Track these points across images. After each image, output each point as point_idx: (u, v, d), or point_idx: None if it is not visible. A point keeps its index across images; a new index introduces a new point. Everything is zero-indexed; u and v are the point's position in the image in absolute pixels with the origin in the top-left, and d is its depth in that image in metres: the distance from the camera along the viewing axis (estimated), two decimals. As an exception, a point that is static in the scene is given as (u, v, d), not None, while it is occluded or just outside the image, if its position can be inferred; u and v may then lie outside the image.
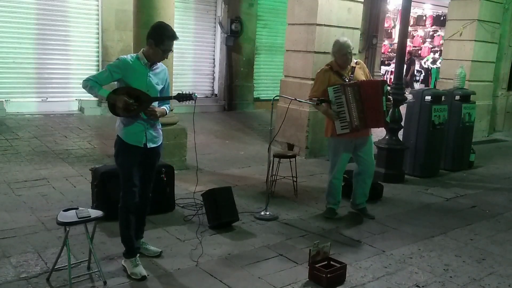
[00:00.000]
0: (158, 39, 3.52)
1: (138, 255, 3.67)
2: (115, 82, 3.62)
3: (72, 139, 7.20)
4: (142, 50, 3.63)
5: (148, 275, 3.53)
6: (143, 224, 3.92)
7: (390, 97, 4.93)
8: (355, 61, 4.94)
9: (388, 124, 5.03)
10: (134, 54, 3.67)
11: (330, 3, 7.38)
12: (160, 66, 3.71)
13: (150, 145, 3.66)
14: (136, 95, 3.50)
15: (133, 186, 3.61)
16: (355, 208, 5.20)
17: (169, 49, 3.58)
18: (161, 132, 3.80)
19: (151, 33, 3.56)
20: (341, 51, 4.75)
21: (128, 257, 3.60)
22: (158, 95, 3.67)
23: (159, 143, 3.76)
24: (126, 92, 3.49)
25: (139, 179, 3.66)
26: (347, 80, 4.77)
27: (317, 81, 4.91)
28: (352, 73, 4.83)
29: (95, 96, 3.65)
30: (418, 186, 6.50)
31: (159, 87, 3.67)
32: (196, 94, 3.71)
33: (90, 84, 3.48)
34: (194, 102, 3.71)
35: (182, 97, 3.67)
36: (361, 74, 4.89)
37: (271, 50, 11.56)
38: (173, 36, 3.56)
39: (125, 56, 3.61)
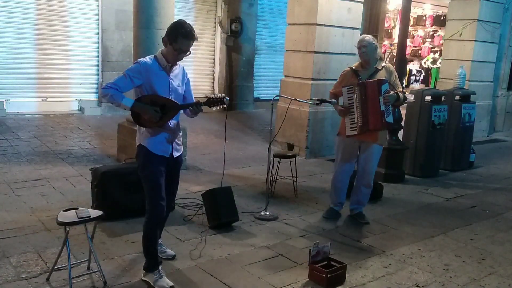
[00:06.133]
0: (171, 36, 3.22)
1: (161, 266, 3.46)
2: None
3: (72, 139, 7.20)
4: (160, 50, 3.35)
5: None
6: (162, 228, 3.84)
7: (387, 95, 4.54)
8: (382, 64, 4.78)
9: (389, 124, 4.68)
10: (152, 56, 3.37)
11: (330, 3, 7.38)
12: (178, 66, 3.44)
13: (176, 154, 3.50)
14: (162, 103, 3.24)
15: (162, 199, 3.37)
16: (350, 212, 5.06)
17: (184, 50, 3.25)
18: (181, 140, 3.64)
19: (166, 30, 3.30)
20: (358, 45, 4.75)
21: (152, 271, 3.40)
22: (182, 98, 3.45)
23: (182, 151, 3.62)
24: (151, 101, 3.23)
25: (165, 192, 3.45)
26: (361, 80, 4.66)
27: (338, 79, 4.95)
28: (373, 74, 4.69)
29: (117, 106, 3.30)
30: (418, 186, 6.50)
31: (181, 89, 3.45)
32: (227, 98, 3.40)
33: (111, 93, 3.18)
34: (226, 106, 3.37)
35: (212, 102, 3.35)
36: (383, 77, 4.66)
37: (271, 50, 11.57)
38: (189, 35, 3.22)
39: (144, 59, 3.32)
